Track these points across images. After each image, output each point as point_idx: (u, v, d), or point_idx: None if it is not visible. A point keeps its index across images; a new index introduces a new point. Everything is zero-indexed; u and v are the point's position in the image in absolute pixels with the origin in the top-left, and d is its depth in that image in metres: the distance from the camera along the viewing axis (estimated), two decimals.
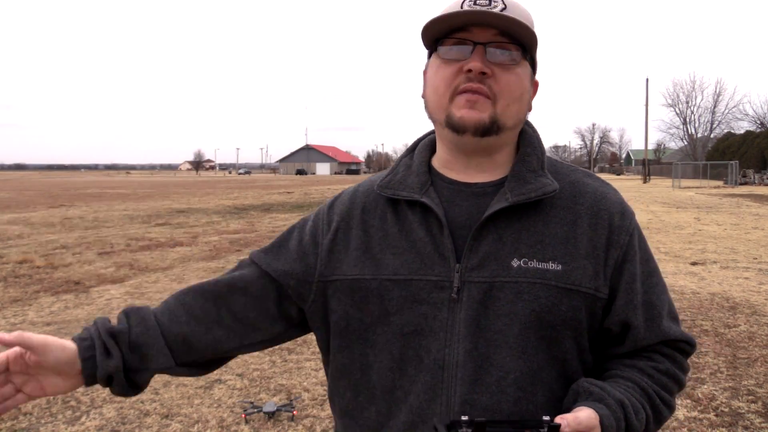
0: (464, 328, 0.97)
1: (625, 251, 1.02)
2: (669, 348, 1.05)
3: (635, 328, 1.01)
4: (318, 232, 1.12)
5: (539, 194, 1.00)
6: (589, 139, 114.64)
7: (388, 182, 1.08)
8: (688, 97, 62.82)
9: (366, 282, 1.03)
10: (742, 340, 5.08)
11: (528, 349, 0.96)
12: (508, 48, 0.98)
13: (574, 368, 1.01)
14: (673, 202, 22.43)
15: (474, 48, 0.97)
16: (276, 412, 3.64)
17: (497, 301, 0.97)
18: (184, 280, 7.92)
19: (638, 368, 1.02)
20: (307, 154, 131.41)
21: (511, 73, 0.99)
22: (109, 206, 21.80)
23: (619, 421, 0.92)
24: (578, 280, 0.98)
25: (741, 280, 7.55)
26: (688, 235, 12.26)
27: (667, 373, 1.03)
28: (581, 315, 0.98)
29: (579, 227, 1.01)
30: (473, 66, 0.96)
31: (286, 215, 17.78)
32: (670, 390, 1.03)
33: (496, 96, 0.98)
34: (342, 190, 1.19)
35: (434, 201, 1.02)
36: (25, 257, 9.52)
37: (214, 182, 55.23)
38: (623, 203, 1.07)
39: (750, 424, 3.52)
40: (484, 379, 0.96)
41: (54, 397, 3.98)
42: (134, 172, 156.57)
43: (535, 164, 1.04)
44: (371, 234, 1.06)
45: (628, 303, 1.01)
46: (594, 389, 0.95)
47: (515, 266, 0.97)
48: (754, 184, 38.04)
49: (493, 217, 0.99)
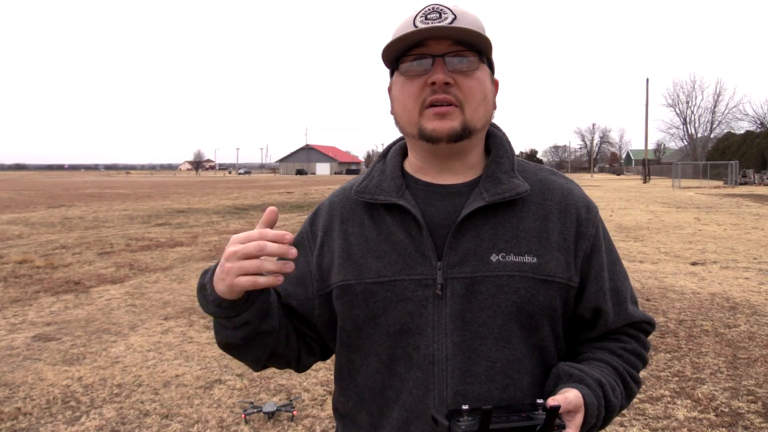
0: (451, 323, 1.01)
1: (592, 242, 1.10)
2: (634, 329, 1.14)
3: (605, 313, 1.10)
4: (307, 251, 1.15)
5: (513, 194, 1.05)
6: (589, 139, 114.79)
7: (365, 188, 1.12)
8: (688, 97, 63.04)
9: (351, 287, 1.07)
10: (742, 340, 5.08)
11: (511, 339, 1.02)
12: (464, 55, 1.03)
13: (551, 354, 1.08)
14: (673, 202, 22.43)
15: (434, 61, 1.02)
16: (276, 412, 3.65)
17: (480, 294, 1.02)
18: (184, 280, 7.93)
19: (608, 350, 1.11)
20: (307, 154, 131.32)
21: (472, 79, 1.04)
22: (109, 206, 21.80)
23: (599, 398, 0.99)
24: (552, 271, 1.04)
25: (741, 280, 7.55)
26: (688, 235, 12.27)
27: (634, 352, 1.12)
28: (556, 303, 1.05)
29: (550, 222, 1.07)
30: (436, 78, 1.01)
31: (286, 215, 17.78)
32: (636, 367, 1.12)
33: (462, 102, 1.03)
34: (318, 204, 1.22)
35: (411, 203, 1.06)
36: (25, 257, 9.52)
37: (214, 182, 55.23)
38: (587, 198, 1.14)
39: (750, 424, 3.52)
40: (473, 370, 1.01)
41: (54, 397, 3.98)
42: (134, 172, 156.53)
43: (507, 166, 1.10)
44: (351, 241, 1.10)
45: (598, 290, 1.09)
46: (574, 371, 1.03)
47: (494, 261, 1.02)
48: (754, 184, 38.04)
49: (470, 216, 1.04)
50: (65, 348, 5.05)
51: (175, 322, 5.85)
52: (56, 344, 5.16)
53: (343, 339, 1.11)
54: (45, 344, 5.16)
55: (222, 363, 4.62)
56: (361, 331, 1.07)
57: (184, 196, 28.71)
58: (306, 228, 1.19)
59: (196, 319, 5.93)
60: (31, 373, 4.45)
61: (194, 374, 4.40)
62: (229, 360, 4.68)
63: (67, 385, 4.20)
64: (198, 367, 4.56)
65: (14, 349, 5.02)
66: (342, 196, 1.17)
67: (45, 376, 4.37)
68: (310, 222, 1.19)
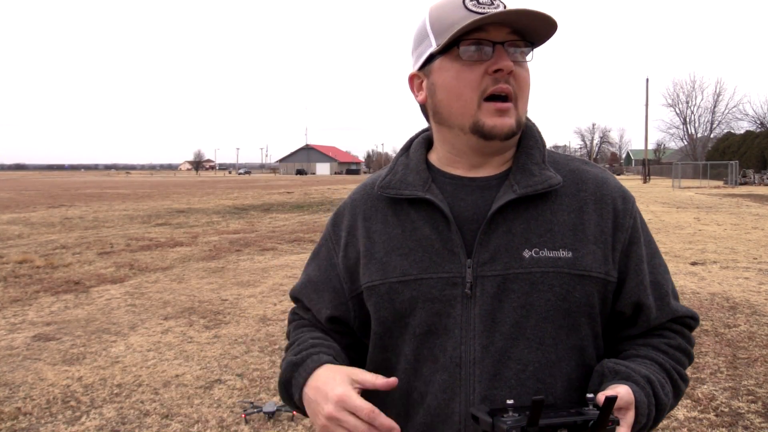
0: (480, 324, 0.96)
1: (630, 234, 1.03)
2: (678, 324, 1.07)
3: (648, 308, 1.03)
4: (331, 254, 1.13)
5: (545, 186, 0.99)
6: (589, 139, 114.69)
7: (389, 182, 1.07)
8: (688, 97, 62.96)
9: (376, 288, 1.03)
10: (742, 340, 5.07)
11: (545, 340, 0.97)
12: (521, 45, 0.99)
13: (590, 355, 1.01)
14: (673, 202, 22.43)
15: (494, 48, 0.96)
16: (276, 412, 3.64)
17: (512, 293, 0.96)
18: (184, 280, 7.93)
19: (653, 346, 1.04)
20: (307, 154, 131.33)
21: (525, 70, 1.00)
22: (109, 206, 21.80)
23: (649, 396, 0.93)
24: (589, 266, 0.98)
25: (741, 280, 7.55)
26: (688, 235, 12.26)
27: (680, 348, 1.06)
28: (594, 300, 0.99)
29: (586, 213, 1.01)
30: (505, 66, 0.96)
31: (286, 215, 17.78)
32: (683, 364, 1.06)
33: (517, 95, 0.99)
34: (340, 203, 1.19)
35: (438, 197, 1.01)
36: (25, 257, 9.52)
37: (214, 182, 55.23)
38: (623, 188, 1.07)
39: (750, 424, 3.52)
40: (503, 374, 0.95)
41: (54, 397, 3.98)
42: (134, 172, 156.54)
43: (538, 157, 1.04)
44: (375, 239, 1.06)
45: (638, 284, 1.03)
46: (620, 368, 0.96)
47: (527, 257, 0.97)
48: (754, 184, 38.03)
49: (501, 210, 0.99)
50: (65, 348, 5.05)
51: (175, 322, 5.85)
52: (56, 344, 5.16)
53: (375, 340, 1.07)
54: (45, 344, 5.16)
55: (222, 363, 4.62)
56: (392, 332, 1.03)
57: (184, 196, 28.71)
58: (329, 230, 1.15)
59: (196, 319, 5.93)
60: (31, 373, 4.45)
61: (194, 374, 4.40)
62: (229, 360, 4.68)
63: (67, 385, 4.20)
64: (198, 367, 4.56)
65: (14, 349, 5.02)
66: (363, 193, 1.12)
67: (45, 376, 4.37)
68: (332, 223, 1.15)
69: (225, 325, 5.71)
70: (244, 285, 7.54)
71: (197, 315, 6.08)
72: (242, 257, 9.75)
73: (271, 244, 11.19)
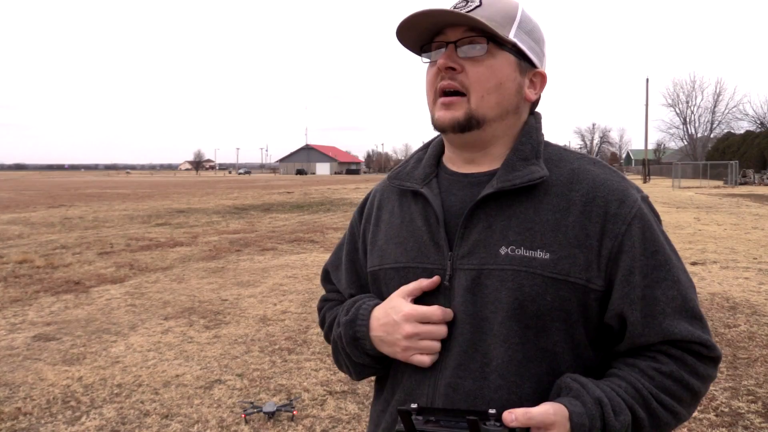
0: (456, 315, 1.01)
1: (621, 241, 0.97)
2: (677, 349, 0.97)
3: (631, 323, 0.97)
4: (355, 237, 1.23)
5: (524, 181, 0.99)
6: (589, 139, 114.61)
7: (397, 173, 1.15)
8: (688, 97, 62.94)
9: (375, 273, 1.12)
10: (742, 340, 5.07)
11: (511, 338, 0.97)
12: (476, 42, 1.01)
13: (567, 363, 0.98)
14: (673, 202, 22.41)
15: (446, 47, 1.02)
16: (276, 412, 3.64)
17: (484, 288, 0.99)
18: (184, 280, 7.93)
19: (638, 368, 0.97)
20: (307, 154, 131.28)
21: (481, 65, 1.01)
22: (109, 206, 21.79)
23: (594, 419, 0.89)
24: (566, 270, 0.95)
25: (741, 280, 7.54)
26: (688, 235, 12.26)
27: (671, 375, 0.96)
28: (571, 306, 0.96)
29: (571, 215, 0.98)
30: (439, 63, 1.02)
31: (286, 215, 17.78)
32: (673, 394, 0.95)
33: (469, 89, 1.01)
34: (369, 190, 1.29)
35: (433, 192, 1.08)
36: (25, 257, 9.51)
37: (214, 182, 55.21)
38: (626, 191, 1.01)
39: (750, 424, 3.52)
40: (468, 365, 0.99)
41: (54, 397, 3.98)
42: (134, 172, 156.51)
43: (527, 153, 1.04)
44: (380, 227, 1.15)
45: (623, 297, 0.97)
46: (574, 385, 0.93)
47: (503, 254, 0.98)
48: (754, 184, 38.02)
49: (482, 205, 1.01)
50: (65, 348, 5.05)
51: (175, 322, 5.85)
52: (56, 344, 5.16)
53: None
54: (45, 344, 5.16)
55: (222, 363, 4.62)
56: None
57: (184, 196, 28.70)
58: (355, 216, 1.25)
59: (196, 319, 5.93)
60: (31, 373, 4.45)
61: (194, 374, 4.40)
62: (229, 360, 4.68)
63: (67, 385, 4.20)
64: (198, 367, 4.56)
65: (14, 349, 5.02)
66: (383, 183, 1.21)
67: (45, 376, 4.37)
68: (359, 210, 1.25)
69: (225, 325, 5.71)
70: (244, 285, 7.54)
71: (197, 315, 6.08)
72: (242, 257, 9.75)
73: (271, 244, 11.19)
